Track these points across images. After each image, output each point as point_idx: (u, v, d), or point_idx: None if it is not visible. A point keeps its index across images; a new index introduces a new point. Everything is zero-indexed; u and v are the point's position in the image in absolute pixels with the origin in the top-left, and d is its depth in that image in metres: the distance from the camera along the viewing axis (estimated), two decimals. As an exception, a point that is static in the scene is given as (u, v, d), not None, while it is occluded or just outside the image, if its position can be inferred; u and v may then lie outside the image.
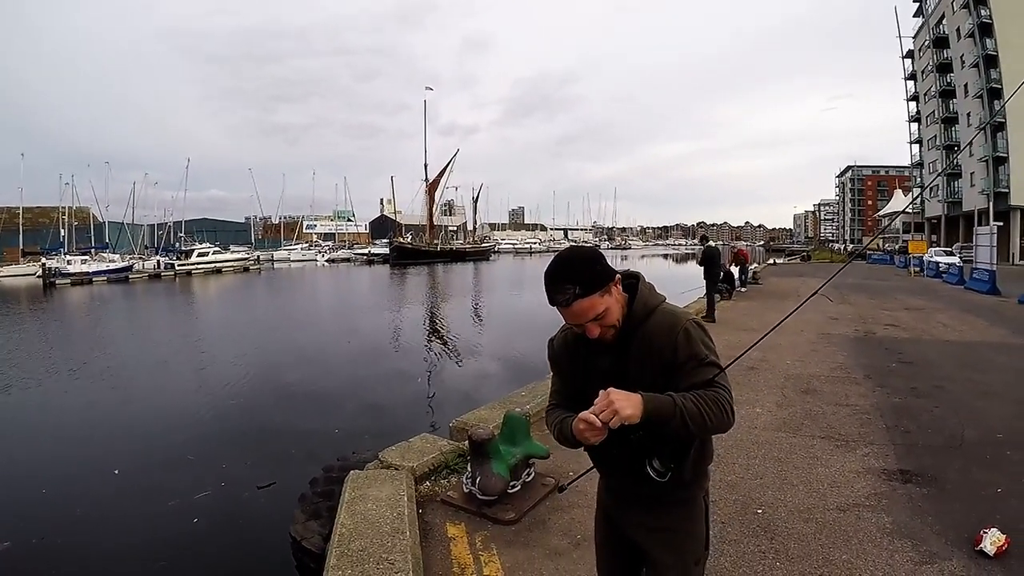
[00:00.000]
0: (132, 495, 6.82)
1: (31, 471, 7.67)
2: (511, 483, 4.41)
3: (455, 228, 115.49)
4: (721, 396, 1.79)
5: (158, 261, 56.73)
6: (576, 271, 1.84)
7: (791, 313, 2.33)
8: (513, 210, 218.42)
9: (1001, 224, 25.17)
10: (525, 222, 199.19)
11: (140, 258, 58.06)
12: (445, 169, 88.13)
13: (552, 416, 2.09)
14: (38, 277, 46.42)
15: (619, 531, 2.16)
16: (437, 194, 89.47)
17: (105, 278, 47.38)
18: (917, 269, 31.76)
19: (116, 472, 7.45)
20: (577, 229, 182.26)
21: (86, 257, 51.33)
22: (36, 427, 9.75)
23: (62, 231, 58.11)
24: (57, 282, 44.03)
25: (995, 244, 21.97)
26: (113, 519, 6.28)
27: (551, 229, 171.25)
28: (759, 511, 4.17)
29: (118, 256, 55.42)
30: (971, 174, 50.60)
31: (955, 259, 30.51)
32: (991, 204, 41.27)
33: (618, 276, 1.92)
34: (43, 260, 49.03)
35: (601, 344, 1.93)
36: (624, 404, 1.69)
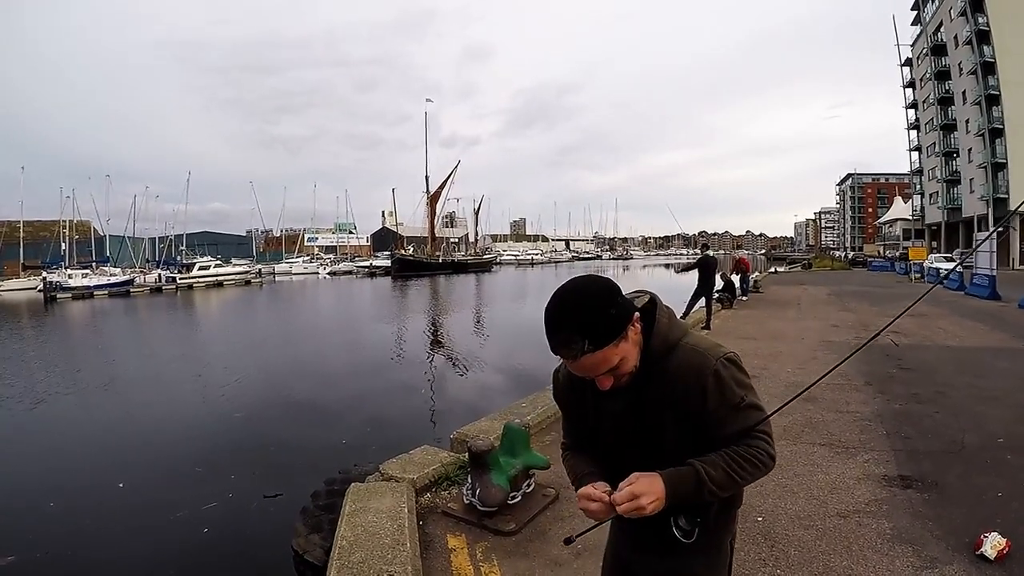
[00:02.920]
0: (141, 506, 6.83)
1: (36, 485, 7.64)
2: (511, 494, 4.41)
3: (457, 240, 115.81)
4: (758, 449, 1.58)
5: (159, 275, 56.71)
6: (585, 320, 1.50)
7: (836, 366, 2.28)
8: (515, 221, 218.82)
9: (1001, 229, 25.16)
10: (527, 233, 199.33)
11: (141, 272, 57.99)
12: (446, 181, 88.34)
13: (567, 461, 1.90)
14: (39, 291, 46.30)
15: (630, 571, 1.94)
16: (438, 206, 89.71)
17: (106, 292, 47.35)
18: (918, 275, 31.76)
19: (121, 485, 7.45)
20: (579, 239, 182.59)
21: (87, 271, 51.34)
22: (41, 442, 9.74)
23: (63, 245, 58.19)
24: (58, 296, 43.94)
25: (995, 250, 21.97)
26: (122, 531, 6.29)
27: (553, 240, 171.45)
28: (759, 519, 4.17)
29: (119, 270, 55.39)
30: (970, 180, 50.76)
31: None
32: (991, 210, 41.45)
33: (636, 314, 1.60)
34: (44, 274, 48.92)
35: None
36: (648, 501, 1.50)
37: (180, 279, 54.93)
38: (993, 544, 3.49)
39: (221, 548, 5.92)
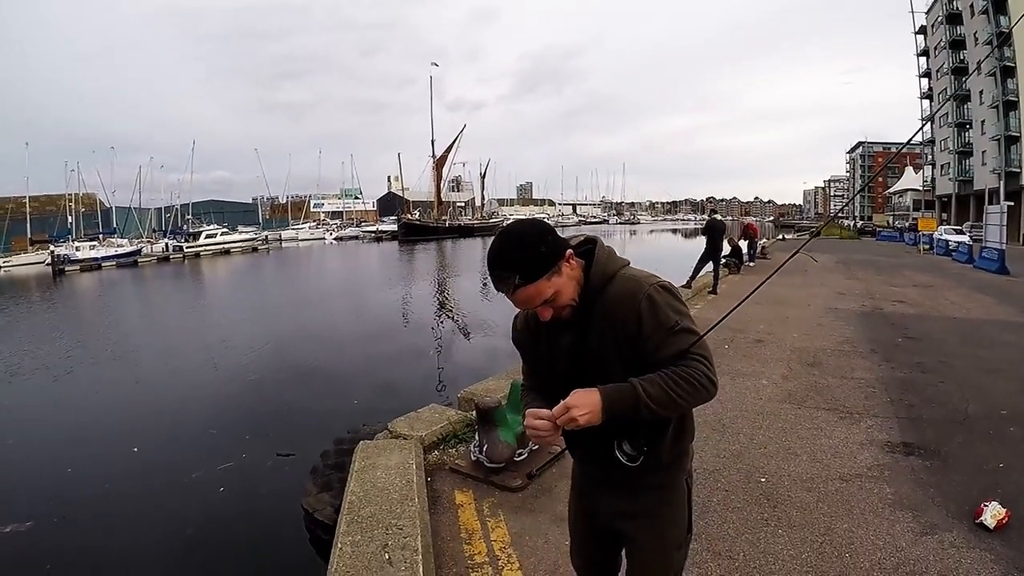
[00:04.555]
0: (158, 469, 6.91)
1: (54, 452, 7.67)
2: (518, 451, 4.49)
3: (463, 204, 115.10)
4: (695, 369, 1.61)
5: (166, 244, 56.19)
6: (515, 257, 1.64)
7: (766, 279, 2.23)
8: (521, 185, 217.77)
9: (1012, 204, 24.89)
10: (533, 197, 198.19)
11: (148, 242, 57.33)
12: (452, 145, 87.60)
13: (527, 400, 1.98)
14: (47, 265, 45.62)
15: (594, 516, 2.02)
16: (444, 170, 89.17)
17: (114, 263, 46.83)
18: (926, 247, 31.64)
19: (136, 449, 7.53)
20: (585, 204, 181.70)
21: (94, 243, 50.73)
22: (58, 411, 9.79)
23: (69, 218, 57.66)
24: (66, 269, 43.33)
25: (1005, 223, 21.81)
26: (139, 493, 6.36)
27: (559, 204, 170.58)
28: (762, 480, 4.23)
29: (126, 240, 54.79)
30: (983, 153, 50.04)
31: (965, 237, 30.31)
32: (1002, 183, 40.80)
33: (569, 251, 1.71)
34: (52, 248, 48.22)
35: (560, 319, 1.76)
36: (582, 413, 1.57)
37: (187, 248, 54.60)
38: (993, 513, 3.52)
39: (236, 507, 6.02)
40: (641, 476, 1.81)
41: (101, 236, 54.52)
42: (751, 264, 20.95)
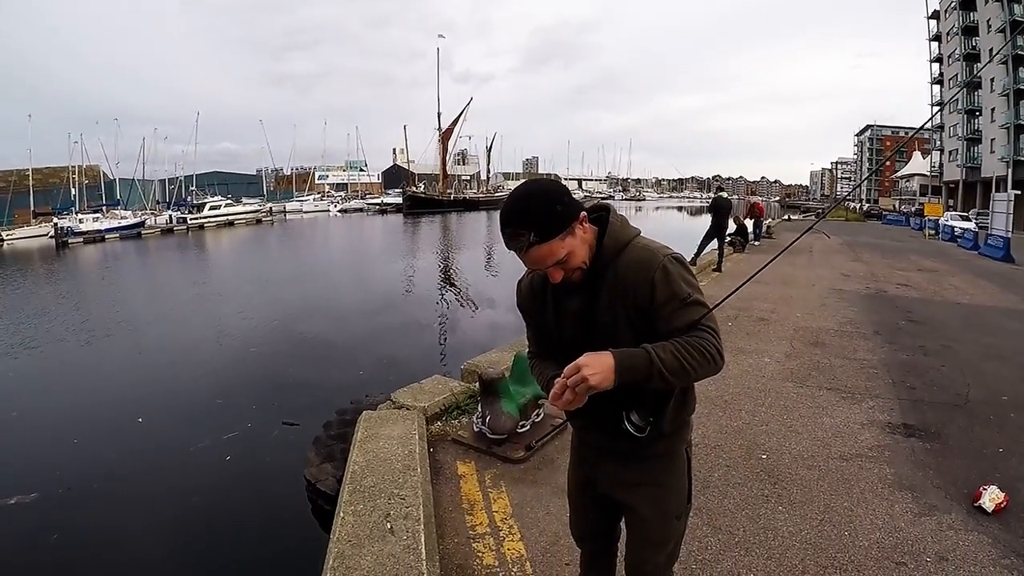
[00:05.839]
0: (165, 438, 6.99)
1: (59, 423, 7.68)
2: (520, 422, 4.51)
3: (468, 177, 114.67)
4: (706, 340, 1.60)
5: (170, 216, 55.79)
6: (531, 214, 1.63)
7: (775, 258, 2.26)
8: (527, 159, 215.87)
9: (1019, 192, 24.67)
10: (539, 172, 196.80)
11: (152, 213, 57.03)
12: (458, 117, 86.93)
13: (536, 368, 1.98)
14: (50, 237, 45.06)
15: (595, 486, 2.02)
16: (450, 143, 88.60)
17: (117, 235, 46.42)
18: (932, 232, 31.51)
19: (140, 420, 7.58)
20: (591, 179, 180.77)
21: (98, 215, 50.21)
22: (62, 382, 9.84)
23: (73, 190, 57.08)
24: (70, 241, 43.00)
25: (1012, 212, 21.70)
26: (147, 462, 6.44)
27: (565, 179, 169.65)
28: (763, 456, 4.26)
29: (130, 212, 54.40)
30: (991, 140, 49.69)
31: (971, 224, 30.14)
32: (1010, 172, 40.49)
33: (583, 214, 1.71)
34: (55, 220, 47.73)
35: (569, 283, 1.76)
36: (593, 373, 1.53)
37: (191, 219, 54.14)
38: (992, 497, 3.54)
39: (241, 477, 6.08)
40: (644, 446, 1.81)
41: (104, 208, 53.96)
42: (756, 243, 20.87)
